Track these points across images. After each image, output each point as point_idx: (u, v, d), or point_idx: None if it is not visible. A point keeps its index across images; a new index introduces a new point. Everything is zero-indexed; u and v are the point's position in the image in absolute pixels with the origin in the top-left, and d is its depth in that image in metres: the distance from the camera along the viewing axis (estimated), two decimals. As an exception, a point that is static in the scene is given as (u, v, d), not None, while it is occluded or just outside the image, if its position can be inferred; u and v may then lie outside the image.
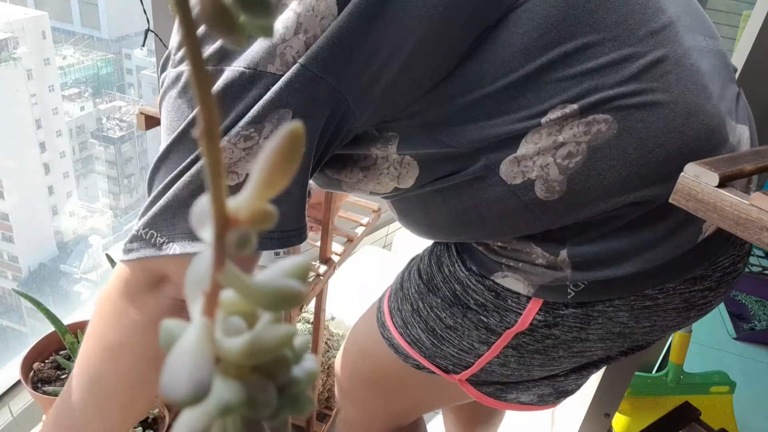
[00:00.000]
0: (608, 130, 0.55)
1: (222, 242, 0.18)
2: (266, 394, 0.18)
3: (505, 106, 0.54)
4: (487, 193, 0.58)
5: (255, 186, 0.18)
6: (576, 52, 0.53)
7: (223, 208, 0.18)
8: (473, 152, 0.56)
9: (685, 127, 0.57)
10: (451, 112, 0.55)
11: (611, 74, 0.54)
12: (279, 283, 0.19)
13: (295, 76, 0.47)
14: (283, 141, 0.18)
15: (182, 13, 0.17)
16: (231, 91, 0.48)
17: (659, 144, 0.56)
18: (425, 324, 0.70)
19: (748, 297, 2.05)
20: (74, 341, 0.90)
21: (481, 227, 0.61)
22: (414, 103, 0.55)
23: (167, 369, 0.16)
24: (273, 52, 0.47)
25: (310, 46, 0.47)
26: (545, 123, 0.54)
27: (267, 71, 0.48)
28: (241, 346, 0.18)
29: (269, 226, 0.19)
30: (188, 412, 0.17)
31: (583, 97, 0.54)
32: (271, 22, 0.19)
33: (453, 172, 0.58)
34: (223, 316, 0.19)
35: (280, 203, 0.38)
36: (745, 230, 0.51)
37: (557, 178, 0.56)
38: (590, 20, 0.53)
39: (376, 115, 0.55)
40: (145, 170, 0.55)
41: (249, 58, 0.48)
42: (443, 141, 0.56)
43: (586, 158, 0.55)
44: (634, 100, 0.55)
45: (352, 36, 0.47)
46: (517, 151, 0.55)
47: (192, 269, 0.19)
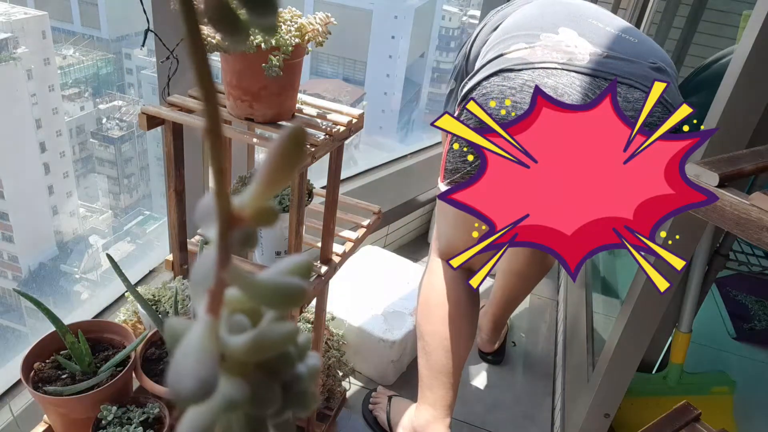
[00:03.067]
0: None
1: (226, 240, 0.18)
2: (270, 391, 0.18)
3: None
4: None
5: (258, 184, 0.18)
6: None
7: (227, 207, 0.18)
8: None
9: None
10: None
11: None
12: (282, 280, 0.19)
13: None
14: (286, 141, 0.18)
15: (186, 10, 0.17)
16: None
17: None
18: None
19: (748, 297, 2.05)
20: (74, 341, 0.90)
21: None
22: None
23: (172, 367, 0.16)
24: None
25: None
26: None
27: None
28: (245, 344, 0.18)
29: (272, 224, 0.19)
30: (193, 409, 0.17)
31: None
32: (273, 20, 0.19)
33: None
34: (228, 313, 0.19)
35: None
36: (745, 230, 0.51)
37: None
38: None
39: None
40: (145, 170, 0.55)
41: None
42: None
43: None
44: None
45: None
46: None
47: (196, 267, 0.19)
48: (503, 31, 1.07)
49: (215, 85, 0.18)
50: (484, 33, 1.19)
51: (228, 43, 0.52)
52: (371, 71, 8.96)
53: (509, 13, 1.17)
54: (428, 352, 1.21)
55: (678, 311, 1.33)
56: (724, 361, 1.87)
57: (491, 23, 1.19)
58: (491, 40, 1.09)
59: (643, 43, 1.01)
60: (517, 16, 1.11)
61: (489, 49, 1.06)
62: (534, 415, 1.57)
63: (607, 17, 1.06)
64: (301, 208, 0.94)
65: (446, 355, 1.19)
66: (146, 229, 3.39)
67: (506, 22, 1.11)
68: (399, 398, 1.45)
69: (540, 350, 1.82)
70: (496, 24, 1.16)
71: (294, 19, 0.87)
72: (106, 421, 0.86)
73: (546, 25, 1.01)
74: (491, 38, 1.10)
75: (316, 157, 0.90)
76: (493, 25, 1.17)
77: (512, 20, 1.10)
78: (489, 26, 1.19)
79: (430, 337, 1.21)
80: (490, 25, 1.18)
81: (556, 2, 1.12)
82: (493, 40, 1.08)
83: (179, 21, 0.18)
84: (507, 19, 1.12)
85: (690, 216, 0.70)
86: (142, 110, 0.94)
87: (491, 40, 1.09)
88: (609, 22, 1.04)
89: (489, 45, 1.09)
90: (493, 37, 1.09)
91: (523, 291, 1.61)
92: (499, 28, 1.11)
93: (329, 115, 0.98)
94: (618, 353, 1.14)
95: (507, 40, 1.02)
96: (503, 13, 1.19)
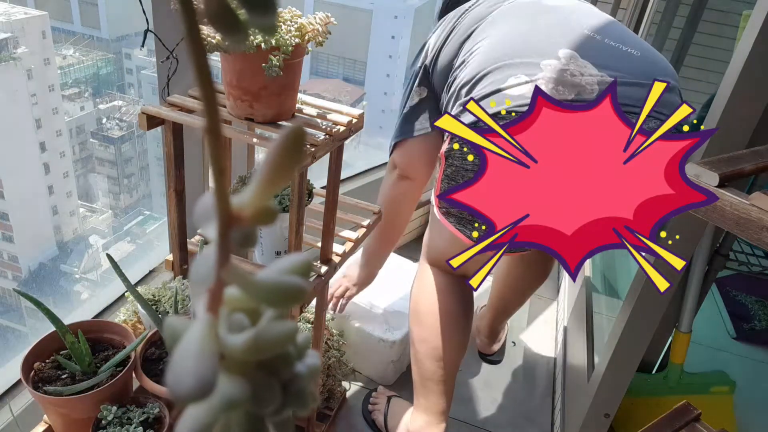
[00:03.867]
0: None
1: (226, 240, 0.18)
2: (270, 390, 0.18)
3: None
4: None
5: (258, 184, 0.18)
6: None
7: (227, 206, 0.18)
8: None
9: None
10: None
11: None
12: (282, 279, 0.19)
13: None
14: (285, 141, 0.18)
15: (185, 10, 0.17)
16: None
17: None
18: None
19: (748, 297, 2.05)
20: (74, 341, 0.90)
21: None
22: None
23: (172, 366, 0.16)
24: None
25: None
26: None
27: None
28: (244, 343, 0.18)
29: (271, 223, 0.19)
30: (193, 407, 0.17)
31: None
32: (273, 20, 0.19)
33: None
34: (227, 312, 0.19)
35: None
36: (745, 230, 0.51)
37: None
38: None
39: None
40: (145, 170, 0.55)
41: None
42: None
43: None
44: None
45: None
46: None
47: (196, 266, 0.19)
48: (492, 54, 0.97)
49: (215, 84, 0.18)
50: (455, 41, 1.10)
51: (228, 43, 0.52)
52: (371, 71, 8.96)
53: (483, 16, 1.07)
54: (419, 359, 1.21)
55: (678, 311, 1.33)
56: (724, 361, 1.87)
57: (461, 28, 1.09)
58: (477, 62, 0.99)
59: (645, 55, 0.97)
60: (503, 33, 1.01)
61: (479, 76, 0.97)
62: (534, 415, 1.57)
63: (598, 22, 1.00)
64: (301, 208, 0.94)
65: (437, 363, 1.18)
66: (146, 229, 3.39)
67: (492, 40, 1.01)
68: (398, 399, 1.44)
69: (540, 350, 1.82)
70: (469, 30, 1.07)
71: (294, 19, 0.87)
72: (106, 421, 0.86)
73: (543, 47, 0.94)
74: (476, 59, 1.00)
75: (316, 157, 0.90)
76: (465, 31, 1.08)
77: (499, 39, 1.00)
78: (459, 32, 1.09)
79: (421, 344, 1.20)
80: (460, 32, 1.09)
81: (542, 7, 1.04)
82: (481, 63, 0.98)
83: (179, 21, 0.18)
84: (491, 36, 1.02)
85: (690, 216, 0.70)
86: (142, 110, 0.94)
87: (477, 61, 0.99)
88: (603, 30, 0.98)
89: (475, 67, 0.99)
90: (479, 59, 0.99)
91: (518, 302, 1.62)
92: (484, 45, 1.01)
93: (329, 115, 0.98)
94: (618, 353, 1.14)
95: (502, 69, 0.94)
96: (474, 16, 1.09)
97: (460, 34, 1.10)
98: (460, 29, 1.11)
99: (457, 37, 1.10)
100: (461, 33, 1.10)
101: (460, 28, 1.11)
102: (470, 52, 1.04)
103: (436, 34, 1.17)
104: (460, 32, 1.10)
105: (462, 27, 1.10)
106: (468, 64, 1.02)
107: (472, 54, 1.03)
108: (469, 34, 1.08)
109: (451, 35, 1.12)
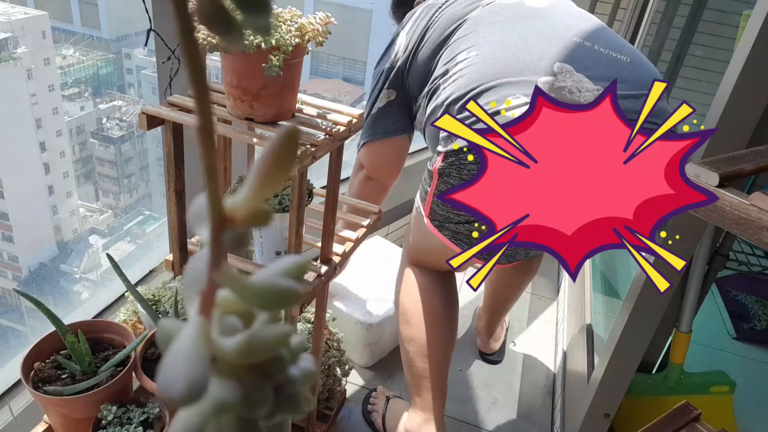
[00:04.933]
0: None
1: (219, 242, 0.18)
2: (262, 394, 0.18)
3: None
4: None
5: (252, 185, 0.18)
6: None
7: (220, 208, 0.18)
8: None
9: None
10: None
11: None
12: (275, 282, 0.18)
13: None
14: (280, 142, 0.18)
15: (179, 10, 0.17)
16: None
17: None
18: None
19: (748, 297, 2.05)
20: (74, 341, 0.90)
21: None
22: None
23: (163, 368, 0.16)
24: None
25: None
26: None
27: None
28: (237, 346, 0.18)
29: (265, 225, 0.19)
30: (184, 411, 0.17)
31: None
32: (267, 21, 0.19)
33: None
34: (220, 315, 0.19)
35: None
36: (745, 230, 0.51)
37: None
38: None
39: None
40: (145, 170, 0.55)
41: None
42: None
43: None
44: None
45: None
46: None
47: (189, 268, 0.19)
48: (485, 70, 0.95)
49: (208, 84, 0.18)
50: (431, 42, 1.06)
51: (223, 43, 0.51)
52: (371, 71, 8.95)
53: (460, 16, 1.04)
54: (410, 358, 1.22)
55: (678, 311, 1.33)
56: (724, 361, 1.87)
57: (437, 29, 1.06)
58: (469, 78, 0.96)
59: (633, 59, 0.96)
60: (493, 45, 0.98)
61: (474, 93, 0.95)
62: (534, 415, 1.57)
63: (585, 26, 0.98)
64: (301, 208, 0.94)
65: (426, 361, 1.20)
66: (146, 229, 3.39)
67: (482, 53, 0.98)
68: (397, 399, 1.44)
69: (540, 350, 1.82)
70: (446, 31, 1.04)
71: (294, 19, 0.87)
72: (106, 421, 0.86)
73: (537, 63, 0.92)
74: (466, 73, 0.97)
75: (316, 157, 0.90)
76: (441, 32, 1.05)
77: (490, 52, 0.97)
78: (436, 33, 1.06)
79: (410, 344, 1.21)
80: (436, 33, 1.06)
81: (525, 11, 1.02)
82: (473, 80, 0.95)
83: (173, 20, 0.18)
84: (478, 46, 0.99)
85: (690, 216, 0.70)
86: (142, 110, 0.94)
87: (468, 77, 0.96)
88: (591, 35, 0.97)
89: (466, 83, 0.96)
90: (470, 75, 0.96)
91: (511, 297, 1.64)
92: (473, 58, 0.98)
93: (329, 115, 0.97)
94: (618, 353, 1.14)
95: (498, 89, 0.93)
96: (450, 16, 1.05)
97: (437, 35, 1.06)
98: (435, 29, 1.07)
99: (434, 38, 1.07)
100: (438, 34, 1.07)
101: (436, 28, 1.07)
102: (455, 62, 1.01)
103: (406, 33, 1.13)
104: (436, 33, 1.07)
105: (437, 27, 1.07)
106: (456, 77, 1.00)
107: (459, 66, 1.00)
108: (447, 35, 1.05)
109: (427, 36, 1.08)
